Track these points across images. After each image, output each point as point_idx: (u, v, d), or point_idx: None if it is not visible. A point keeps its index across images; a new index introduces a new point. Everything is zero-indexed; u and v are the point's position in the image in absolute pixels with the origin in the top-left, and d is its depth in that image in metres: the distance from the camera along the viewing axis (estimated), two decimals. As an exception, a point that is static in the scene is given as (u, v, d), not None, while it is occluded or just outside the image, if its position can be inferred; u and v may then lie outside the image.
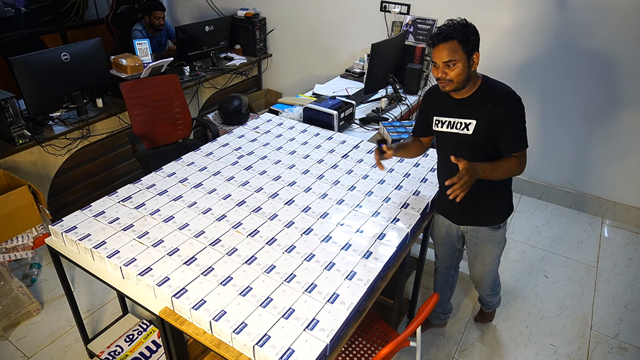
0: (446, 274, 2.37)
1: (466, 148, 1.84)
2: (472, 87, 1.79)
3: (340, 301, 1.50)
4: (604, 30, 3.01)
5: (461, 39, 1.67)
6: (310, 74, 4.50)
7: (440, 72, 1.73)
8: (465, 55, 1.69)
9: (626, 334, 2.55)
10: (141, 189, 2.07)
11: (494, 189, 1.90)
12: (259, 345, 1.34)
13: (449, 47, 1.68)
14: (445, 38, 1.68)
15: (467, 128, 1.82)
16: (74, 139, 3.03)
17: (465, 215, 2.02)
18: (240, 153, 2.39)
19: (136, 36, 4.00)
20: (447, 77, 1.72)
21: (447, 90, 1.78)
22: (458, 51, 1.68)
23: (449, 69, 1.71)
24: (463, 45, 1.68)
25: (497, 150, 1.82)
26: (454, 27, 1.68)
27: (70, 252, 1.79)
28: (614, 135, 3.27)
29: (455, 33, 1.67)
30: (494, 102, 1.75)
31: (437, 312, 2.50)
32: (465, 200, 1.72)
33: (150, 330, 2.45)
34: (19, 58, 2.68)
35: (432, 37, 1.73)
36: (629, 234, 3.38)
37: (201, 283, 1.56)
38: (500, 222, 2.01)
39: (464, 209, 1.96)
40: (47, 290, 2.77)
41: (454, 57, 1.69)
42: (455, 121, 1.85)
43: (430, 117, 1.95)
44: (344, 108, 2.76)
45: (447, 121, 1.88)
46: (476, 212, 1.99)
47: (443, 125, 1.89)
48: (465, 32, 1.67)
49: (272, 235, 1.79)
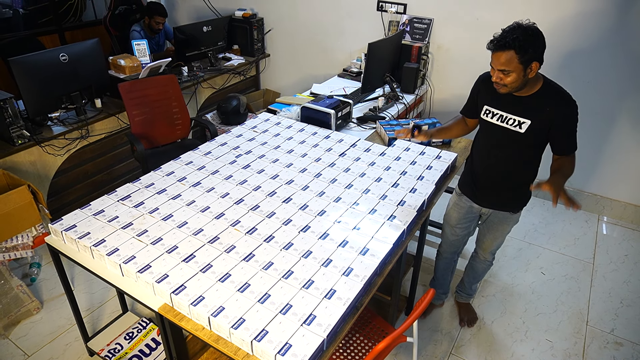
0: (449, 259, 2.49)
1: (512, 143, 1.92)
2: (532, 88, 1.81)
3: (337, 297, 1.52)
4: (599, 28, 3.04)
5: (519, 49, 1.65)
6: (308, 73, 4.53)
7: (496, 77, 1.77)
8: (521, 66, 1.69)
9: (622, 329, 2.57)
10: (140, 187, 2.09)
11: (525, 180, 1.99)
12: (256, 340, 1.36)
13: (505, 56, 1.68)
14: (503, 47, 1.67)
15: (520, 126, 1.86)
16: (73, 139, 3.05)
17: (492, 200, 2.15)
18: (239, 152, 2.41)
19: (134, 37, 4.02)
20: (502, 82, 1.76)
21: (504, 92, 1.81)
22: (514, 61, 1.68)
23: (504, 75, 1.74)
24: (520, 56, 1.66)
25: (540, 148, 1.93)
26: (515, 35, 1.65)
27: (69, 250, 1.81)
28: (611, 132, 3.30)
29: (514, 43, 1.65)
30: (556, 105, 1.79)
31: (437, 293, 2.64)
32: (493, 187, 2.05)
33: (149, 328, 2.47)
34: (17, 59, 2.70)
35: (492, 41, 1.73)
36: (625, 230, 3.40)
37: (200, 280, 1.57)
38: (521, 209, 2.17)
39: (493, 195, 2.13)
40: (47, 289, 2.79)
41: (508, 67, 1.70)
42: (508, 116, 1.89)
43: (480, 104, 2.01)
44: (342, 107, 2.78)
45: (498, 114, 1.92)
46: (504, 199, 2.13)
47: (494, 117, 1.94)
48: (525, 42, 1.65)
49: (270, 232, 1.81)
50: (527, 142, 1.89)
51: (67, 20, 4.96)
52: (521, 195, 2.11)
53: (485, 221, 2.28)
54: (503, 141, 1.94)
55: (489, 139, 2.01)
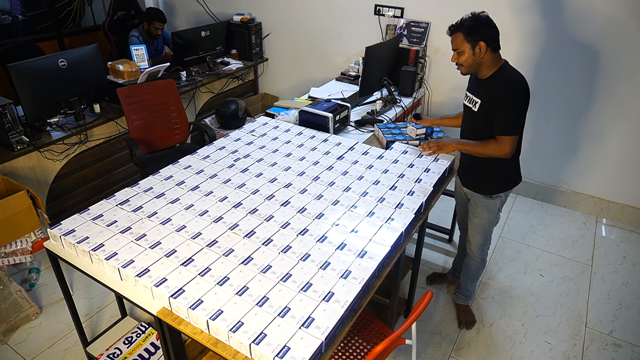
0: (463, 236, 2.67)
1: (470, 121, 2.21)
2: (490, 70, 2.05)
3: (336, 299, 1.52)
4: (597, 30, 3.06)
5: (466, 31, 1.98)
6: (306, 77, 4.54)
7: (453, 58, 2.08)
8: (469, 45, 1.99)
9: (620, 331, 2.57)
10: (139, 192, 2.09)
11: (489, 163, 2.18)
12: (255, 343, 1.36)
13: (457, 37, 2.02)
14: (454, 29, 2.02)
15: (475, 105, 2.13)
16: (72, 144, 3.06)
17: (467, 179, 2.36)
18: (237, 156, 2.42)
19: (133, 42, 4.04)
20: (458, 61, 2.05)
21: (463, 73, 2.11)
22: (463, 42, 2.00)
23: (458, 55, 2.04)
24: (466, 36, 1.98)
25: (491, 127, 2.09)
26: (464, 20, 1.99)
27: (68, 255, 1.81)
28: (608, 134, 3.31)
29: (462, 26, 1.99)
30: (499, 86, 2.02)
31: (453, 269, 2.85)
32: (469, 167, 2.30)
33: (148, 333, 2.47)
34: (16, 65, 2.71)
35: (448, 27, 2.06)
36: (624, 232, 3.41)
37: (198, 283, 1.58)
38: (491, 193, 2.27)
39: (465, 173, 2.36)
40: (46, 295, 2.79)
41: (459, 47, 2.02)
42: (470, 97, 2.18)
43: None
44: (339, 110, 2.79)
45: (468, 96, 2.21)
46: (473, 179, 2.32)
47: (465, 99, 2.23)
48: (471, 26, 1.97)
49: (268, 236, 1.81)
50: (478, 119, 2.12)
51: (66, 26, 4.98)
52: (491, 177, 2.24)
53: (469, 206, 2.41)
54: (466, 119, 2.25)
55: (464, 119, 2.30)
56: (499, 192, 2.26)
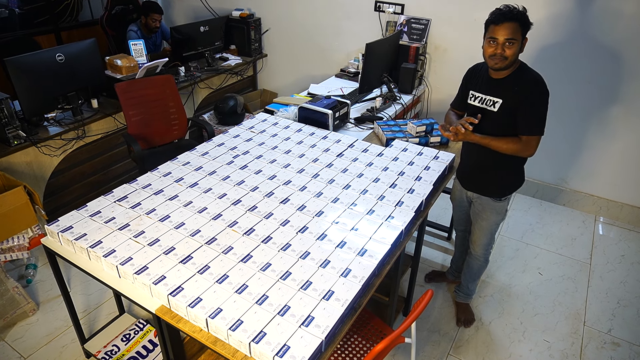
0: (462, 236, 2.66)
1: (488, 123, 2.07)
2: (511, 69, 1.98)
3: (335, 298, 1.51)
4: (602, 29, 3.05)
5: (522, 22, 1.88)
6: (305, 73, 4.52)
7: (500, 49, 1.90)
8: (521, 38, 1.89)
9: (619, 330, 2.57)
10: (137, 188, 2.08)
11: (499, 166, 2.13)
12: (254, 342, 1.35)
13: (513, 26, 1.87)
14: (511, 18, 1.86)
15: (494, 106, 2.04)
16: (69, 139, 3.04)
17: (472, 183, 2.29)
18: (236, 152, 2.40)
19: (131, 37, 4.00)
20: (504, 54, 1.90)
21: (498, 67, 1.94)
22: (518, 32, 1.88)
23: (507, 47, 1.89)
24: (522, 28, 1.88)
25: (512, 128, 2.01)
26: (517, 10, 1.88)
27: (66, 251, 1.80)
28: (608, 133, 3.30)
29: (519, 15, 1.88)
30: (524, 85, 1.95)
31: (452, 269, 2.81)
32: (474, 171, 2.22)
33: (146, 330, 2.46)
34: (13, 59, 2.68)
35: (498, 14, 1.89)
36: (622, 230, 3.41)
37: (197, 281, 1.57)
38: (500, 196, 2.21)
39: (472, 177, 2.28)
40: (43, 291, 2.77)
41: (514, 37, 1.87)
42: (486, 98, 2.07)
43: (467, 91, 2.17)
44: (339, 107, 2.77)
45: (479, 97, 2.10)
46: (481, 182, 2.24)
47: (476, 100, 2.12)
48: (525, 17, 1.89)
49: (267, 233, 1.80)
50: (499, 120, 2.03)
51: (64, 20, 4.94)
52: (500, 180, 2.19)
53: (473, 209, 2.35)
54: (481, 122, 2.08)
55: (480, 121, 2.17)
56: (509, 194, 2.22)
